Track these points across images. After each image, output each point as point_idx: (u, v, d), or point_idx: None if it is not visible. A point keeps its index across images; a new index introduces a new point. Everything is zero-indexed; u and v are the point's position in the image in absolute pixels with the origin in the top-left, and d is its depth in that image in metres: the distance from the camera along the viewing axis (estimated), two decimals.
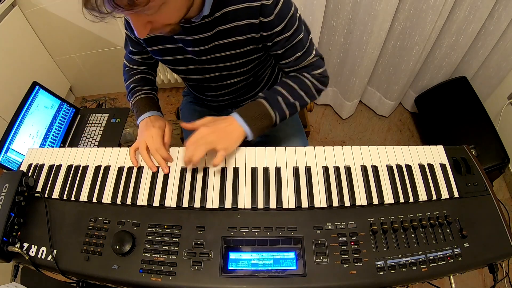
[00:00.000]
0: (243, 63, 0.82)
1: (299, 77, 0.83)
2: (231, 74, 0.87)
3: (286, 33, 0.75)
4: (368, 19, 1.45)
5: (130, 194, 0.73)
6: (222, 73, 0.86)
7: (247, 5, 0.69)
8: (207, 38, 0.75)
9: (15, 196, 0.70)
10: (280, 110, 0.79)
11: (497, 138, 1.51)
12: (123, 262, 0.64)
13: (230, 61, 0.81)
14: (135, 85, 0.93)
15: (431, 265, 0.63)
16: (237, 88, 0.95)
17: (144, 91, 0.92)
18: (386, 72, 1.80)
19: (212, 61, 0.81)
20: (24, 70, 1.77)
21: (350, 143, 1.94)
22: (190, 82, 0.97)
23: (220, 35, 0.75)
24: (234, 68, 0.84)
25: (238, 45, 0.77)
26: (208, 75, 0.87)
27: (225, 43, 0.76)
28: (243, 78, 0.90)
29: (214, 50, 0.78)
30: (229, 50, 0.78)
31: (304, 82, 0.82)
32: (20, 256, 0.67)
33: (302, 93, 0.82)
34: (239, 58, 0.80)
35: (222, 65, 0.82)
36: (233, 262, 0.63)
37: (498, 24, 1.44)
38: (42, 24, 1.81)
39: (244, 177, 0.74)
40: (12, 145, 1.33)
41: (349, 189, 0.72)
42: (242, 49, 0.78)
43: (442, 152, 0.78)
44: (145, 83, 0.95)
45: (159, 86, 2.18)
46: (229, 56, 0.79)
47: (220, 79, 0.89)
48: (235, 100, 1.02)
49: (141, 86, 0.93)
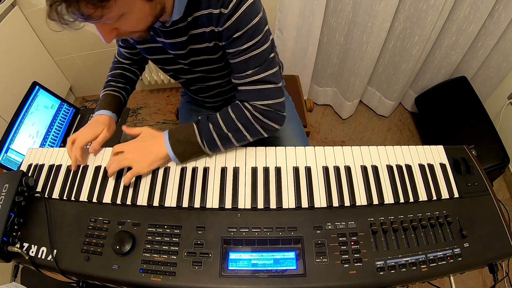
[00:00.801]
0: (222, 67, 0.81)
1: (240, 108, 0.73)
2: (214, 76, 0.86)
3: (239, 46, 0.68)
4: (368, 19, 1.45)
5: (130, 194, 0.73)
6: (206, 75, 0.86)
7: (209, 11, 0.66)
8: (183, 42, 0.74)
9: (15, 196, 0.70)
10: (210, 139, 0.73)
11: (497, 138, 1.51)
12: (123, 262, 0.64)
13: (208, 65, 0.80)
14: (111, 79, 0.94)
15: (431, 265, 0.63)
16: (227, 89, 0.94)
17: (114, 88, 0.92)
18: (386, 72, 1.80)
19: (191, 64, 0.80)
20: (24, 70, 1.77)
21: (350, 143, 1.94)
22: (179, 81, 0.96)
23: (193, 39, 0.73)
24: (215, 71, 0.83)
25: (209, 50, 0.75)
26: (193, 75, 0.87)
27: (199, 48, 0.75)
28: (229, 79, 0.86)
29: (191, 54, 0.77)
30: (203, 54, 0.76)
31: (243, 114, 0.73)
32: (20, 256, 0.67)
33: (239, 125, 0.73)
34: (216, 62, 0.79)
35: (203, 68, 0.82)
36: (233, 262, 0.63)
37: (498, 24, 1.44)
38: (42, 24, 1.81)
39: (244, 177, 0.74)
40: (12, 145, 1.33)
41: (349, 189, 0.72)
42: (214, 55, 0.76)
43: (442, 152, 0.78)
44: (121, 80, 0.95)
45: (159, 86, 2.20)
46: (205, 60, 0.78)
47: (206, 79, 0.88)
48: (229, 101, 1.02)
49: (115, 82, 0.94)
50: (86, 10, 0.50)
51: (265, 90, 0.72)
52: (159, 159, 0.74)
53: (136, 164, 0.73)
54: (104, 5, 0.51)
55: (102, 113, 0.87)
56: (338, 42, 1.67)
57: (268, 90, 0.72)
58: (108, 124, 0.85)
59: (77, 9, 0.49)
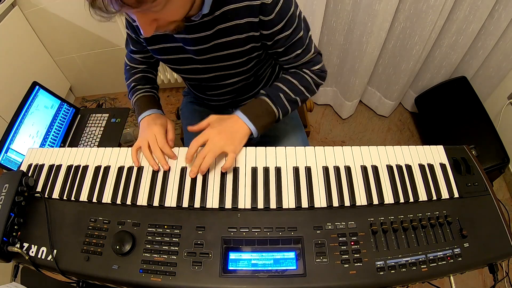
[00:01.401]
0: (242, 62, 0.82)
1: (299, 73, 0.84)
2: (231, 74, 0.87)
3: (286, 32, 0.75)
4: (368, 19, 1.45)
5: (130, 194, 0.73)
6: (222, 73, 0.86)
7: (247, 4, 0.69)
8: (207, 37, 0.75)
9: (15, 196, 0.70)
10: (282, 106, 0.81)
11: (497, 138, 1.51)
12: (123, 262, 0.64)
13: (229, 60, 0.81)
14: (135, 84, 0.93)
15: (431, 265, 0.63)
16: (237, 88, 0.95)
17: (145, 89, 0.92)
18: (386, 72, 1.80)
19: (212, 60, 0.81)
20: (24, 70, 1.77)
21: (350, 143, 1.94)
22: (190, 81, 0.97)
23: (220, 33, 0.75)
24: (234, 68, 0.84)
25: (238, 43, 0.77)
26: (208, 74, 0.87)
27: (225, 42, 0.76)
28: (243, 78, 0.90)
29: (214, 49, 0.78)
30: (228, 49, 0.78)
31: (304, 78, 0.83)
32: (20, 256, 0.67)
33: (302, 88, 0.83)
34: (239, 57, 0.80)
35: (222, 65, 0.82)
36: (233, 262, 0.63)
37: (498, 24, 1.44)
38: (42, 24, 1.81)
39: (244, 177, 0.74)
40: (12, 145, 1.33)
41: (349, 189, 0.72)
42: (241, 48, 0.78)
43: (442, 152, 0.78)
44: (145, 82, 0.95)
45: (159, 86, 2.20)
46: (228, 55, 0.79)
47: (220, 78, 0.89)
48: (235, 100, 1.02)
49: (142, 85, 0.93)
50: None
51: (314, 58, 0.85)
52: (244, 135, 0.76)
53: (228, 147, 0.73)
54: None
55: (148, 113, 0.86)
56: (338, 42, 1.67)
57: (315, 57, 0.85)
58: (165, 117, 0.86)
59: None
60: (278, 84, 0.82)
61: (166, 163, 0.76)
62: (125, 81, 0.97)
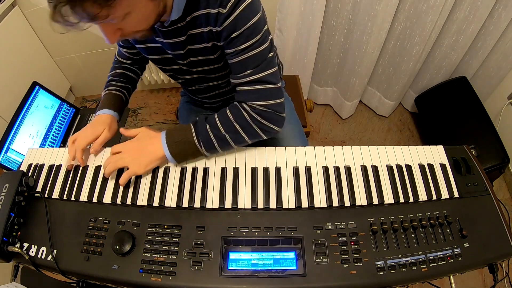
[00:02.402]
0: (220, 68, 0.81)
1: (238, 109, 0.73)
2: (213, 77, 0.86)
3: (237, 46, 0.67)
4: (368, 19, 1.45)
5: (130, 194, 0.73)
6: (205, 76, 0.86)
7: (208, 11, 0.66)
8: (182, 42, 0.73)
9: (15, 196, 0.70)
10: (207, 140, 0.72)
11: (497, 138, 1.51)
12: (123, 262, 0.64)
13: (207, 65, 0.80)
14: (112, 78, 0.94)
15: (431, 265, 0.63)
16: (226, 91, 0.95)
17: (115, 87, 0.92)
18: (386, 72, 1.80)
19: (190, 64, 0.80)
20: (24, 70, 1.76)
21: (350, 143, 1.94)
22: (178, 82, 0.96)
23: (191, 39, 0.72)
24: (214, 72, 0.83)
25: (207, 51, 0.74)
26: (192, 75, 0.86)
27: (197, 48, 0.74)
28: (228, 80, 0.83)
29: (189, 54, 0.77)
30: (202, 55, 0.76)
31: (241, 115, 0.72)
32: (20, 256, 0.67)
33: (237, 127, 0.72)
34: (214, 62, 0.78)
35: (201, 69, 0.82)
36: (233, 262, 0.63)
37: (498, 24, 1.44)
38: (42, 24, 1.81)
39: (244, 177, 0.74)
40: (12, 145, 1.33)
41: (349, 189, 0.72)
42: (213, 55, 0.76)
43: (442, 152, 0.78)
44: (122, 79, 0.95)
45: (159, 86, 2.20)
46: (204, 60, 0.78)
47: (204, 80, 0.88)
48: (227, 103, 1.01)
49: (116, 81, 0.94)
50: (92, 9, 0.50)
51: (264, 90, 0.71)
52: (156, 159, 0.74)
53: (132, 165, 0.73)
54: (110, 4, 0.51)
55: (104, 112, 0.86)
56: (338, 42, 1.67)
57: (266, 90, 0.71)
58: (109, 123, 0.85)
59: (83, 9, 0.49)
60: (215, 115, 0.74)
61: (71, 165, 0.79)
62: (109, 71, 0.98)
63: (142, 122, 2.11)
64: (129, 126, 2.08)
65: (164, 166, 0.77)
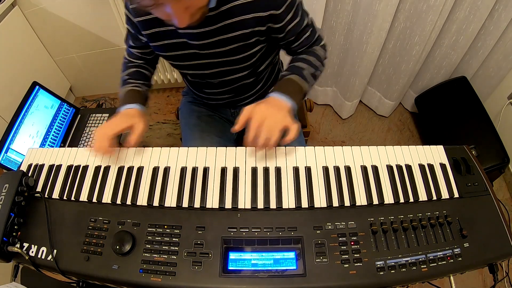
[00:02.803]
0: (245, 57, 0.84)
1: (311, 51, 0.89)
2: (232, 70, 0.88)
3: (295, 20, 0.80)
4: (368, 19, 1.45)
5: (130, 194, 0.73)
6: (224, 69, 0.87)
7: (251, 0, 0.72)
8: (212, 32, 0.77)
9: (15, 196, 0.70)
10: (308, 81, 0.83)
11: (497, 138, 1.51)
12: (123, 262, 0.64)
13: (233, 55, 0.82)
14: (128, 77, 0.93)
15: (431, 265, 0.63)
16: (236, 87, 0.96)
17: (135, 84, 0.91)
18: (386, 72, 1.80)
19: (215, 55, 0.82)
20: (24, 70, 1.77)
21: (350, 143, 1.94)
22: (191, 78, 0.97)
23: (225, 29, 0.76)
24: (236, 63, 0.85)
25: (243, 38, 0.79)
26: (210, 70, 0.88)
27: (229, 37, 0.78)
28: (244, 75, 0.91)
29: (218, 44, 0.79)
30: (233, 43, 0.79)
31: (317, 54, 0.89)
32: (20, 256, 0.67)
33: (319, 63, 0.88)
34: (242, 51, 0.82)
35: (225, 60, 0.83)
36: (233, 262, 0.63)
37: (498, 24, 1.44)
38: (42, 24, 1.81)
39: (244, 177, 0.74)
40: (12, 145, 1.33)
41: (349, 189, 0.72)
42: (245, 42, 0.80)
43: (442, 152, 0.78)
44: (139, 77, 0.94)
45: (159, 86, 2.20)
46: (232, 50, 0.81)
47: (222, 74, 0.90)
48: (233, 100, 1.03)
49: (134, 79, 0.93)
50: None
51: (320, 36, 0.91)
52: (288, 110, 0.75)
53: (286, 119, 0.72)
54: None
55: (131, 106, 0.83)
56: (338, 42, 1.67)
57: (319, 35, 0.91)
58: (140, 116, 0.82)
59: None
60: (296, 64, 0.84)
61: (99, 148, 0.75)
62: (121, 73, 0.97)
63: None
64: None
65: (164, 166, 0.77)
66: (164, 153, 0.79)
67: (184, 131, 1.13)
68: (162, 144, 1.95)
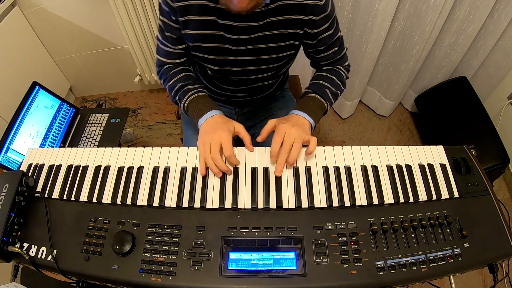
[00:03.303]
0: (275, 59, 0.87)
1: (334, 70, 0.92)
2: (258, 70, 0.89)
3: (329, 31, 0.83)
4: (368, 19, 1.45)
5: (130, 194, 0.73)
6: (252, 68, 0.88)
7: (300, 2, 0.75)
8: (255, 28, 0.78)
9: (15, 196, 0.70)
10: (329, 100, 0.88)
11: (497, 138, 1.51)
12: (123, 262, 0.64)
13: (266, 54, 0.84)
14: (183, 84, 0.87)
15: (431, 265, 0.63)
16: (255, 87, 0.97)
17: (195, 90, 0.86)
18: (386, 72, 1.80)
19: (248, 52, 0.83)
20: (24, 70, 1.77)
21: (350, 143, 1.94)
22: (212, 72, 0.93)
23: (267, 26, 0.78)
24: (265, 63, 0.87)
25: (280, 38, 0.81)
26: (238, 67, 0.88)
27: (269, 35, 0.80)
28: (267, 76, 0.93)
29: (256, 41, 0.81)
30: (270, 42, 0.81)
31: (339, 73, 0.92)
32: (20, 256, 0.67)
33: (339, 83, 0.91)
34: (275, 52, 0.85)
35: (257, 58, 0.85)
36: (233, 262, 0.63)
37: (498, 24, 1.44)
38: (42, 24, 1.81)
39: (244, 177, 0.74)
40: (12, 145, 1.33)
41: (349, 189, 0.72)
42: (281, 43, 0.82)
43: (442, 152, 0.78)
44: (193, 82, 0.89)
45: (159, 86, 2.20)
46: (267, 48, 0.83)
47: (247, 73, 0.90)
48: (245, 99, 1.04)
49: (191, 85, 0.87)
50: None
51: (346, 55, 0.94)
52: (309, 128, 0.81)
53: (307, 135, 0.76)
54: None
55: (214, 113, 0.80)
56: None
57: (345, 54, 0.94)
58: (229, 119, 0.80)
59: None
60: (319, 81, 0.89)
61: (229, 168, 0.73)
62: (164, 83, 0.91)
63: (142, 122, 2.12)
64: (129, 126, 2.08)
65: (164, 166, 0.77)
66: (164, 153, 0.79)
67: (185, 131, 1.13)
68: (162, 144, 1.95)
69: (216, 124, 0.78)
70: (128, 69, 2.04)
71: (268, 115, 1.12)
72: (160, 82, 0.95)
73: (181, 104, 0.88)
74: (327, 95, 0.87)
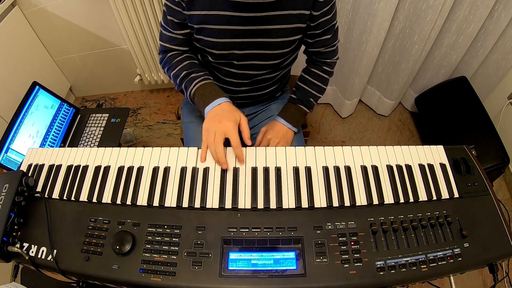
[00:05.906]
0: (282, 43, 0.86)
1: (320, 75, 0.97)
2: (263, 55, 0.88)
3: (328, 15, 0.84)
4: (367, 18, 1.45)
5: (130, 194, 0.73)
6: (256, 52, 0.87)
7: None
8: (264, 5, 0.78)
9: (15, 196, 0.70)
10: (312, 106, 1.00)
11: (497, 138, 1.51)
12: (123, 262, 0.64)
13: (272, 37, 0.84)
14: (188, 72, 0.85)
15: (431, 265, 0.63)
16: (256, 80, 0.97)
17: (203, 77, 0.84)
18: (385, 71, 1.80)
19: (255, 33, 0.82)
20: (24, 70, 1.77)
21: (350, 143, 1.95)
22: (216, 59, 0.90)
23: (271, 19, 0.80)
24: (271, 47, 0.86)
25: (288, 20, 0.81)
26: (242, 51, 0.85)
27: (277, 15, 0.80)
28: (269, 64, 0.92)
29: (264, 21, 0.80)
30: (278, 23, 0.81)
31: (325, 79, 0.99)
32: (20, 256, 0.67)
33: (324, 88, 1.00)
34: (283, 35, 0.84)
35: (263, 41, 0.84)
36: (233, 262, 0.63)
37: (498, 24, 1.44)
38: (42, 24, 1.81)
39: (244, 177, 0.74)
40: (12, 145, 1.33)
41: (349, 189, 0.72)
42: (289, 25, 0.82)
43: (442, 152, 0.78)
44: (198, 69, 0.87)
45: (159, 86, 2.20)
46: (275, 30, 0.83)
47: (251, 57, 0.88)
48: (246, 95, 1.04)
49: (196, 72, 0.85)
50: None
51: (337, 48, 0.95)
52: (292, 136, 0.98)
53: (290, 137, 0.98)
54: None
55: (221, 101, 0.79)
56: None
57: (336, 48, 0.96)
58: (236, 109, 0.79)
59: None
60: (306, 88, 0.98)
61: (226, 162, 0.73)
62: (168, 72, 0.90)
63: (142, 122, 2.12)
64: (129, 126, 2.08)
65: (164, 166, 0.77)
66: (164, 153, 0.79)
67: (185, 130, 1.13)
68: (162, 144, 1.95)
69: (222, 112, 0.77)
70: (128, 69, 2.04)
71: (268, 116, 1.12)
72: (163, 71, 0.94)
73: (187, 92, 0.86)
74: (311, 104, 0.99)
